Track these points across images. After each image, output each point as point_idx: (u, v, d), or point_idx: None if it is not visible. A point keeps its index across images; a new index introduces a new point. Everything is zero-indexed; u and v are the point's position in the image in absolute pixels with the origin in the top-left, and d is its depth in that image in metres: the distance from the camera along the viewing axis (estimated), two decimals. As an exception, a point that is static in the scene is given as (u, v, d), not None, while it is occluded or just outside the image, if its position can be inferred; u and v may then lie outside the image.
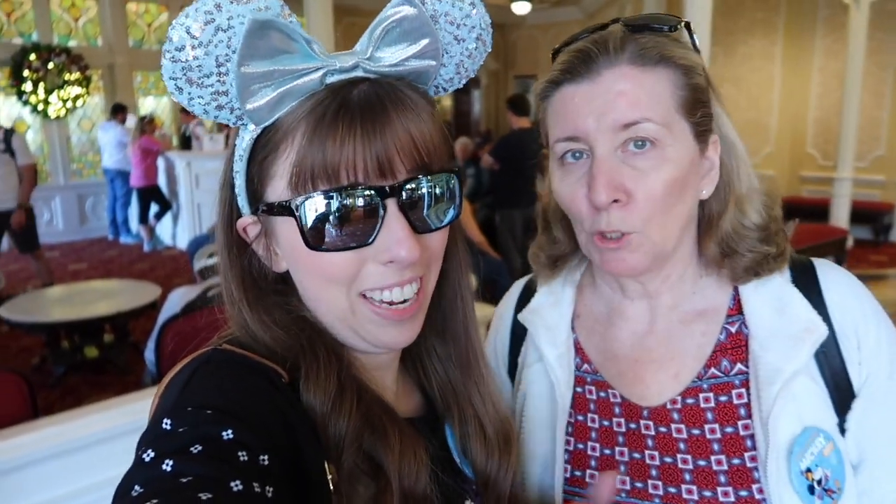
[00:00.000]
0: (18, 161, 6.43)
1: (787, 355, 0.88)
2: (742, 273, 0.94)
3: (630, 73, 0.86)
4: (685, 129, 0.88)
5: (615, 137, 0.85)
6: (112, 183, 9.78)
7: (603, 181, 0.84)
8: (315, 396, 0.69)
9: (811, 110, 9.72)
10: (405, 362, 0.91)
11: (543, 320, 1.07)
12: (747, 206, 0.94)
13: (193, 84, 0.66)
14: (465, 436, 0.87)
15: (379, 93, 0.69)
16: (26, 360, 5.42)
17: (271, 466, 0.60)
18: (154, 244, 9.68)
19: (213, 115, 0.69)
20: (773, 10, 9.55)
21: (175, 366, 0.71)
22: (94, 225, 10.61)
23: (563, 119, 0.90)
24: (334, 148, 0.66)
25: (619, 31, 0.88)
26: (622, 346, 1.00)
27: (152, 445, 0.58)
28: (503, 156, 6.38)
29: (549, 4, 13.00)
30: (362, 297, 0.73)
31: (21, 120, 9.90)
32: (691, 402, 0.92)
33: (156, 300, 5.03)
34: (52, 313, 5.07)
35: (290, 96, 0.68)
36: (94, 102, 10.61)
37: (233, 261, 0.77)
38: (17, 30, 9.72)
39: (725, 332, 0.94)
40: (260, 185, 0.73)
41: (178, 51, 0.64)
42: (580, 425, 0.99)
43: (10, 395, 2.33)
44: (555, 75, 0.91)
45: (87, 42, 10.37)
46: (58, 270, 8.01)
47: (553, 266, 1.09)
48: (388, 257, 0.70)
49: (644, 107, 0.85)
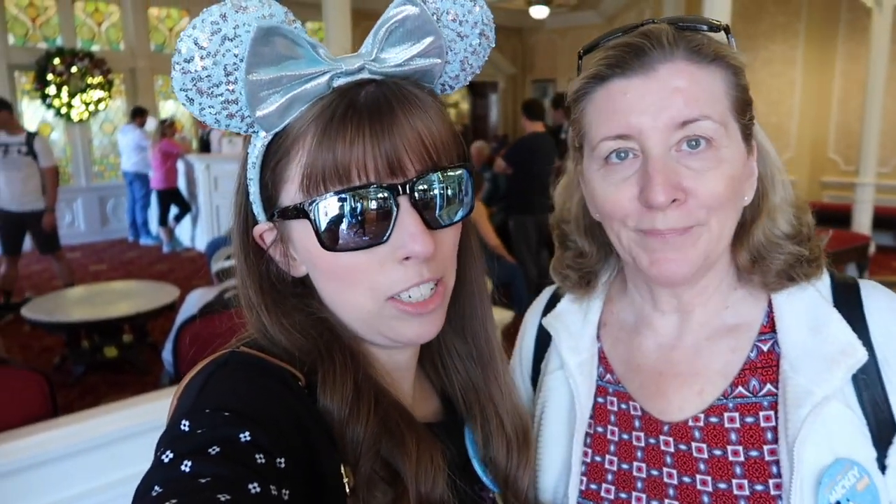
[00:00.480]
0: (41, 163, 6.55)
1: (819, 377, 0.82)
2: (774, 277, 0.90)
3: (686, 70, 0.82)
4: (736, 131, 0.85)
5: (671, 136, 0.81)
6: (131, 185, 9.90)
7: (660, 180, 0.80)
8: (332, 401, 0.70)
9: (833, 115, 9.60)
10: (424, 365, 0.91)
11: (567, 326, 1.03)
12: (779, 216, 0.91)
13: (204, 94, 0.67)
14: (487, 435, 0.88)
15: (386, 93, 0.70)
16: (48, 359, 5.50)
17: (287, 469, 0.61)
18: (173, 246, 9.78)
19: (224, 124, 0.70)
20: (794, 15, 9.46)
21: (193, 368, 0.71)
22: (114, 226, 10.75)
23: (611, 116, 0.84)
24: (344, 149, 0.67)
25: (668, 27, 0.84)
26: (646, 358, 0.97)
27: (171, 446, 0.59)
28: (517, 160, 6.38)
29: (567, 9, 12.97)
30: (389, 300, 0.73)
31: (45, 123, 10.05)
32: (715, 420, 0.88)
33: (174, 301, 5.09)
34: (72, 313, 5.15)
35: (299, 101, 0.69)
36: (116, 106, 10.75)
37: (250, 266, 0.78)
38: (41, 34, 9.88)
39: (756, 349, 0.90)
40: (274, 191, 0.73)
41: (186, 62, 0.65)
42: (599, 437, 0.96)
43: (32, 394, 2.36)
44: (600, 70, 0.85)
45: (110, 46, 10.51)
46: (79, 271, 8.12)
47: (587, 284, 1.04)
48: (403, 253, 0.70)
49: (703, 104, 0.81)
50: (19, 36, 9.68)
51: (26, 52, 9.67)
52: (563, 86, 13.56)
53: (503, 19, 13.27)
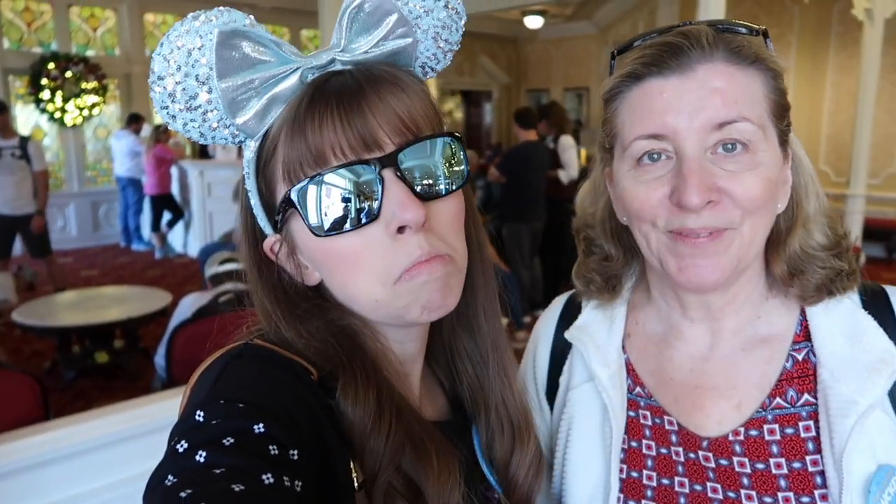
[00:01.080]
0: (34, 167, 6.54)
1: (861, 386, 0.81)
2: (813, 291, 0.88)
3: (726, 71, 0.80)
4: (773, 135, 0.83)
5: (707, 138, 0.79)
6: (124, 191, 9.88)
7: (695, 181, 0.78)
8: (354, 412, 0.69)
9: (824, 126, 9.68)
10: (430, 363, 0.90)
11: (593, 338, 1.00)
12: (813, 227, 0.89)
13: (183, 109, 0.68)
14: (492, 432, 0.87)
15: (355, 76, 0.70)
16: (38, 364, 5.46)
17: (300, 461, 0.61)
18: (165, 252, 9.74)
19: (209, 136, 0.71)
20: (787, 26, 9.55)
21: (206, 359, 0.72)
22: (106, 232, 10.70)
23: (646, 115, 0.82)
24: (314, 133, 0.68)
25: (707, 28, 0.82)
26: (678, 371, 0.94)
27: (185, 437, 0.59)
28: (510, 169, 6.39)
29: (561, 19, 13.05)
30: (397, 282, 0.71)
31: (38, 127, 10.02)
32: (755, 433, 0.86)
33: (166, 307, 5.07)
34: (63, 318, 5.12)
35: (276, 102, 0.70)
36: (110, 111, 10.74)
37: (263, 278, 0.78)
38: (36, 39, 9.87)
39: (792, 359, 0.88)
40: (270, 196, 0.74)
41: (160, 79, 0.67)
42: (634, 452, 0.93)
43: (24, 397, 2.35)
44: (636, 68, 0.83)
45: (105, 52, 10.51)
46: (70, 276, 8.07)
47: (612, 289, 1.01)
48: (395, 224, 0.69)
49: (741, 106, 0.79)
50: (14, 40, 9.66)
51: (21, 57, 9.64)
52: (556, 95, 13.63)
53: (498, 29, 13.34)
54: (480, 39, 13.95)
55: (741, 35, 0.84)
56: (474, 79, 14.55)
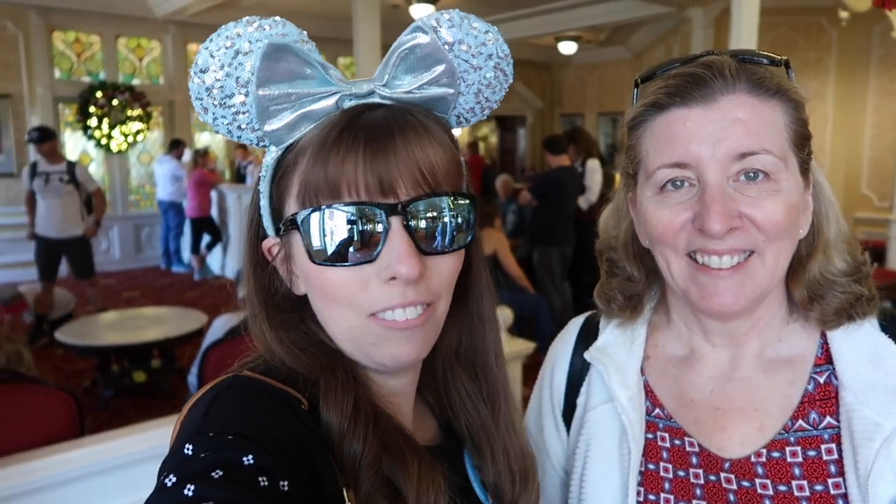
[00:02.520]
0: (89, 188, 6.86)
1: (885, 410, 0.82)
2: (833, 316, 0.89)
3: (748, 102, 0.81)
4: (795, 165, 0.84)
5: (729, 167, 0.81)
6: (165, 214, 10.14)
7: (718, 209, 0.79)
8: (332, 415, 0.70)
9: (866, 151, 9.46)
10: (423, 392, 0.91)
11: (613, 360, 1.00)
12: (833, 252, 0.90)
13: (217, 104, 0.70)
14: (497, 473, 0.87)
15: (388, 116, 0.70)
16: (78, 382, 5.60)
17: (291, 492, 0.61)
18: (204, 273, 9.94)
19: (235, 135, 0.73)
20: (825, 51, 9.40)
21: (197, 392, 0.72)
22: (148, 254, 10.97)
23: (669, 144, 0.84)
24: (336, 164, 0.68)
25: (729, 59, 0.84)
26: (699, 392, 0.94)
27: (174, 470, 0.59)
28: (541, 193, 6.41)
29: (595, 44, 13.09)
30: (371, 317, 0.73)
31: (85, 153, 10.39)
32: (777, 455, 0.86)
33: (202, 327, 5.16)
34: (103, 337, 5.26)
35: (308, 119, 0.71)
36: (154, 137, 11.07)
37: (256, 277, 0.79)
38: (85, 69, 10.27)
39: (813, 382, 0.89)
40: (279, 204, 0.76)
41: (202, 72, 0.68)
42: (651, 474, 0.93)
43: (60, 413, 2.42)
44: (659, 98, 0.85)
45: (150, 80, 10.87)
46: (112, 297, 8.29)
47: (633, 308, 1.02)
48: (389, 273, 0.70)
49: (763, 137, 0.81)
50: (65, 70, 10.07)
51: (70, 86, 10.05)
52: (590, 120, 13.62)
53: (532, 54, 13.43)
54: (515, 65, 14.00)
55: (763, 66, 0.85)
56: (508, 104, 14.63)
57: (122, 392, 5.32)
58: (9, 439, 2.19)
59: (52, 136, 6.70)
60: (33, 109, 9.59)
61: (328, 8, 8.66)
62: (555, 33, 10.95)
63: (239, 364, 0.78)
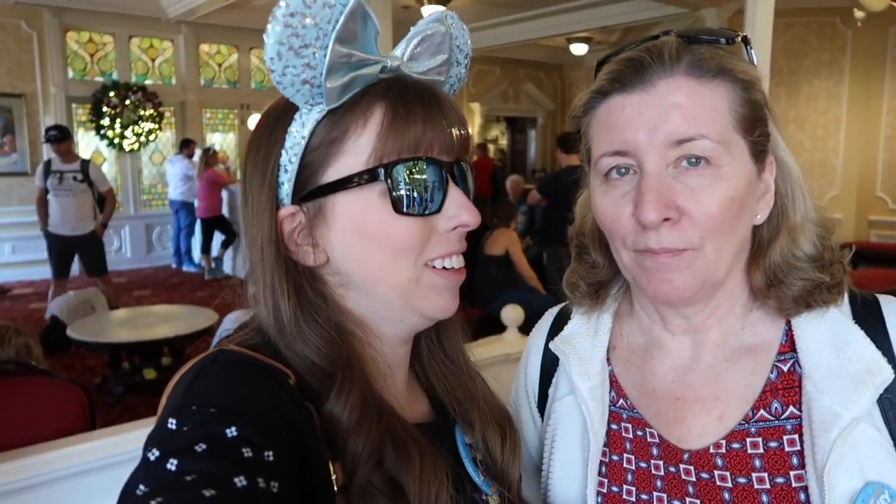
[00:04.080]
0: (100, 188, 6.91)
1: (846, 399, 0.79)
2: (791, 304, 0.86)
3: (686, 85, 0.80)
4: (742, 148, 0.81)
5: (667, 153, 0.79)
6: (177, 214, 10.19)
7: (652, 198, 0.78)
8: (343, 409, 0.70)
9: (880, 153, 9.38)
10: (414, 366, 0.92)
11: (576, 350, 0.99)
12: (800, 236, 0.86)
13: (293, 52, 0.70)
14: (485, 436, 0.88)
15: (432, 87, 0.80)
16: (89, 379, 5.62)
17: (276, 463, 0.61)
18: (214, 273, 9.98)
19: (296, 88, 0.73)
20: (839, 51, 9.33)
21: (183, 366, 0.72)
22: (159, 254, 11.03)
23: (610, 131, 0.84)
24: (416, 124, 0.75)
25: (675, 41, 0.82)
26: (661, 382, 0.93)
27: (158, 445, 0.59)
28: (551, 193, 6.38)
29: (607, 45, 13.05)
30: (426, 266, 0.78)
31: (98, 152, 10.45)
32: (737, 446, 0.84)
33: (212, 325, 5.19)
34: (115, 334, 5.30)
35: (356, 83, 0.74)
36: (166, 137, 11.13)
37: (277, 256, 0.77)
38: (99, 69, 10.34)
39: (776, 370, 0.86)
40: (318, 169, 0.76)
41: (291, 16, 0.69)
42: (615, 466, 0.92)
43: (71, 406, 2.42)
44: (602, 85, 0.85)
45: (162, 80, 10.93)
46: (123, 296, 8.33)
47: (595, 295, 1.01)
48: (455, 222, 0.78)
49: (700, 122, 0.78)
50: (78, 70, 10.14)
51: (84, 86, 10.12)
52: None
53: (543, 56, 13.41)
54: (525, 66, 14.04)
55: (710, 44, 0.82)
56: (519, 105, 14.62)
57: (132, 389, 5.34)
58: (20, 431, 2.19)
59: (69, 136, 6.79)
60: (47, 109, 9.67)
61: None
62: (566, 34, 10.91)
63: (226, 339, 0.78)
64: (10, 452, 2.09)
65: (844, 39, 9.31)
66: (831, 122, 9.50)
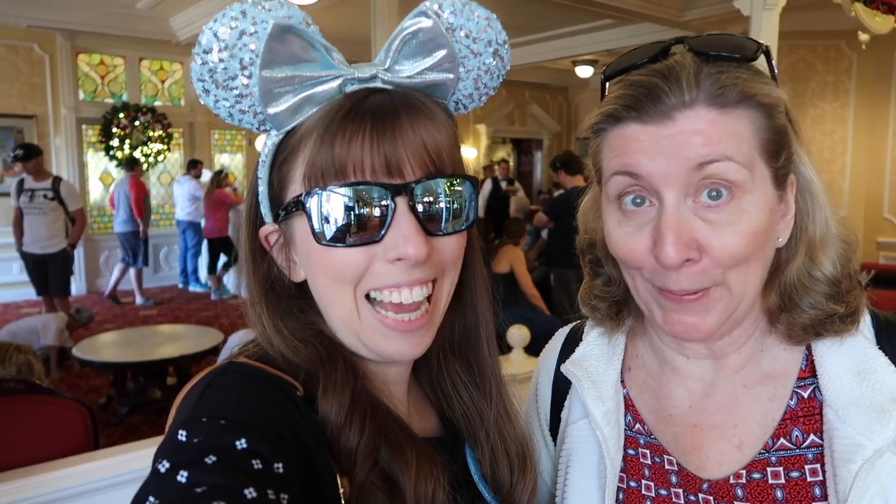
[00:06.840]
0: (70, 207, 6.81)
1: (869, 429, 0.75)
2: (800, 332, 0.82)
3: (707, 116, 0.73)
4: (765, 176, 0.76)
5: (688, 180, 0.74)
6: (184, 234, 10.23)
7: (672, 239, 0.73)
8: (330, 407, 0.70)
9: (887, 174, 9.36)
10: (422, 383, 0.91)
11: (588, 373, 0.95)
12: (820, 255, 0.82)
13: (219, 86, 0.69)
14: (494, 460, 0.87)
15: (393, 99, 0.71)
16: (94, 399, 5.60)
17: (285, 474, 0.60)
18: (220, 293, 9.99)
19: (237, 118, 0.72)
20: (845, 74, 9.36)
21: (193, 378, 0.72)
22: (166, 273, 11.05)
23: (623, 153, 0.78)
24: (342, 146, 0.68)
25: (691, 62, 0.76)
26: (677, 407, 0.90)
27: (167, 457, 0.59)
28: (557, 214, 6.37)
29: (612, 68, 13.13)
30: (367, 299, 0.73)
31: (107, 173, 10.53)
32: (758, 476, 0.81)
33: (218, 345, 5.18)
34: (120, 354, 5.29)
35: (311, 103, 0.71)
36: (174, 158, 11.22)
37: (256, 266, 0.80)
38: (109, 90, 10.46)
39: (796, 397, 0.83)
40: (280, 190, 0.75)
41: (205, 53, 0.68)
42: (633, 492, 0.89)
43: (74, 425, 2.41)
44: (615, 109, 0.78)
45: (172, 102, 11.05)
46: (130, 315, 8.37)
47: (617, 316, 0.96)
48: (395, 254, 0.70)
49: (724, 145, 0.73)
50: (89, 92, 10.26)
51: (94, 107, 10.23)
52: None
53: (549, 78, 13.50)
54: (531, 88, 14.12)
55: (726, 63, 0.76)
56: (525, 127, 14.69)
57: (137, 409, 5.32)
58: (24, 450, 2.18)
59: (38, 154, 6.73)
60: (57, 130, 9.77)
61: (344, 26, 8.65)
62: (571, 57, 10.99)
63: (238, 350, 0.78)
64: (12, 472, 2.08)
65: (850, 62, 9.34)
66: (837, 145, 9.50)
